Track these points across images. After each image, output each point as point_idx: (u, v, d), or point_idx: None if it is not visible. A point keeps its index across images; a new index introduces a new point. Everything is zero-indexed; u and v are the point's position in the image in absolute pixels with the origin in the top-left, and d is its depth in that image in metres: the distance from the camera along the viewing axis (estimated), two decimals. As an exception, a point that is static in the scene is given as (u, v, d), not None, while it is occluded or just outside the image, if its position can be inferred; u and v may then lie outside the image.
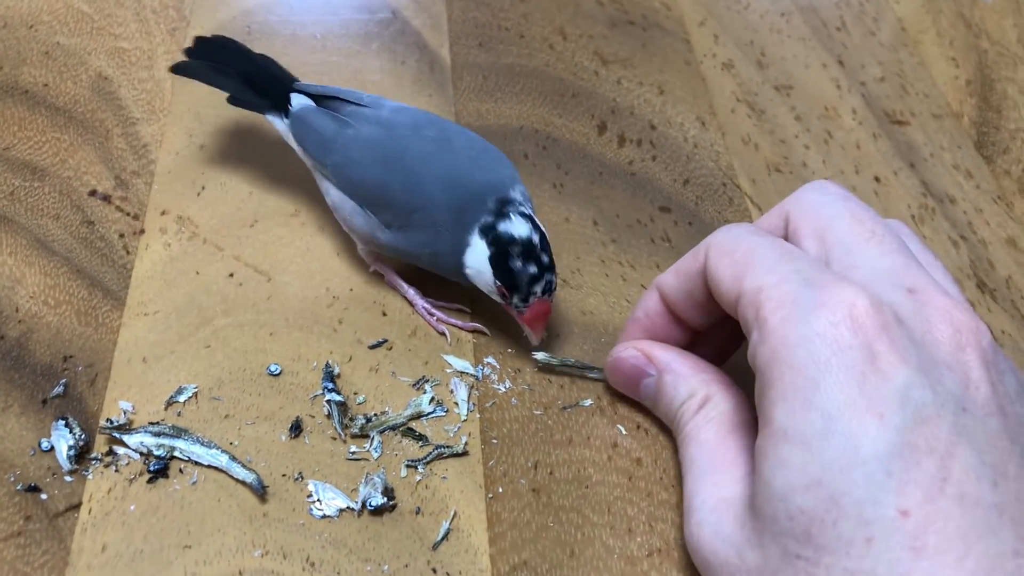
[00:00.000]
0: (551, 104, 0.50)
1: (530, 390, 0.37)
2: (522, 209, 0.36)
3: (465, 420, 0.36)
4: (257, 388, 0.37)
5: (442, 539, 0.33)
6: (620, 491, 0.35)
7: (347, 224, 0.39)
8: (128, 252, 0.41)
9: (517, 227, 0.35)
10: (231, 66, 0.42)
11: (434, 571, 0.32)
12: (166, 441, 0.34)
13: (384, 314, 0.39)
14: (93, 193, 0.43)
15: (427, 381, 0.37)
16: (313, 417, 0.36)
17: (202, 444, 0.34)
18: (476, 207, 0.36)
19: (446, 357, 0.38)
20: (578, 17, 0.55)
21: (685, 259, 0.33)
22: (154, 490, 0.33)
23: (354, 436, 0.35)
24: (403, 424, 0.36)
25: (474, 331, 0.39)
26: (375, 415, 0.36)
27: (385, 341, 0.38)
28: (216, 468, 0.34)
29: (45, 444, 0.34)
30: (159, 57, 0.50)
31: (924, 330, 0.27)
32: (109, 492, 0.33)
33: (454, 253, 0.36)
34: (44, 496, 0.33)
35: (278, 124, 0.41)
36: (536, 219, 0.36)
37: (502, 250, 0.35)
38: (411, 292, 0.40)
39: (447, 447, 0.35)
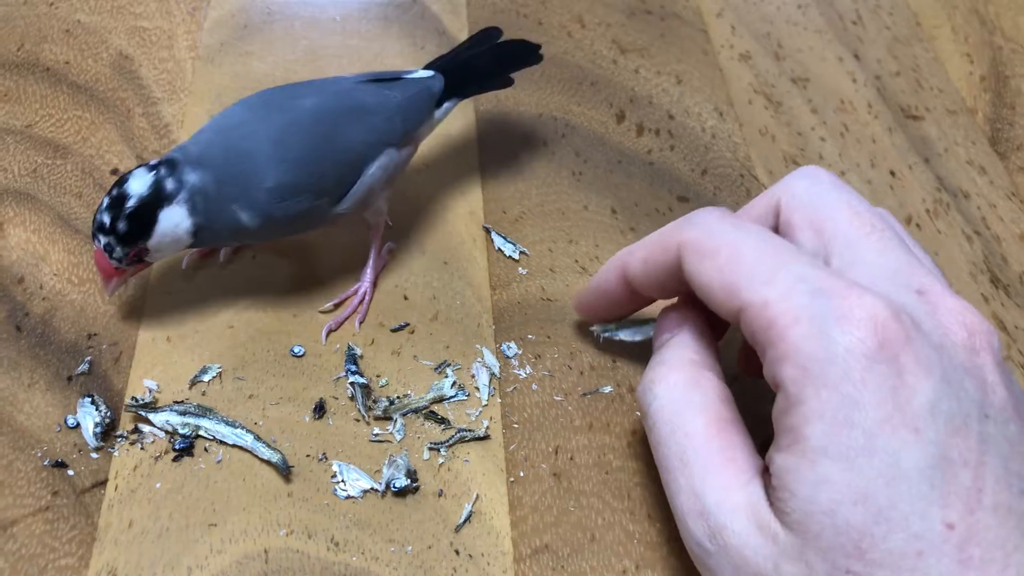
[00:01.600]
0: (570, 92, 0.50)
1: (550, 376, 0.38)
2: (167, 183, 0.34)
3: (486, 405, 0.37)
4: (281, 369, 0.37)
5: (465, 521, 0.33)
6: (640, 477, 0.35)
7: None
8: (151, 231, 0.41)
9: (136, 182, 0.34)
10: (483, 59, 0.43)
11: (457, 553, 0.33)
12: (191, 420, 0.35)
13: (405, 298, 0.40)
14: (115, 172, 0.43)
15: (448, 365, 0.38)
16: (336, 399, 0.36)
17: (227, 424, 0.35)
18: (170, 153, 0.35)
19: (479, 347, 0.38)
20: (596, 5, 0.55)
21: (652, 249, 0.32)
22: (179, 468, 0.34)
23: (377, 418, 0.36)
24: (425, 407, 0.36)
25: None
26: (398, 398, 0.36)
27: (407, 325, 0.39)
28: (241, 448, 0.34)
29: (71, 420, 0.34)
30: (179, 37, 0.50)
31: (940, 334, 0.27)
32: (135, 469, 0.34)
33: None
34: (71, 472, 0.33)
35: None
36: (174, 208, 0.34)
37: (112, 186, 0.34)
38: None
39: (469, 431, 0.36)
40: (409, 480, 0.34)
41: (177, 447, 0.34)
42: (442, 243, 0.42)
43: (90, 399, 0.35)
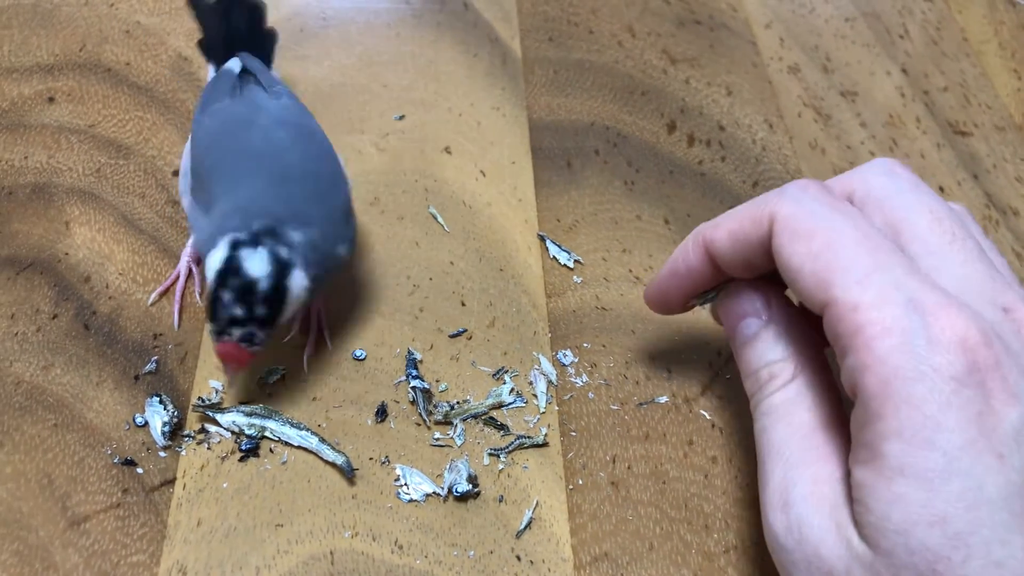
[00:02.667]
0: (621, 101, 0.50)
1: (607, 385, 0.38)
2: (280, 251, 0.32)
3: (544, 412, 0.37)
4: (343, 372, 0.37)
5: (525, 528, 0.34)
6: (696, 488, 0.35)
7: (180, 176, 0.38)
8: (213, 233, 0.41)
9: (254, 263, 0.31)
10: (230, 23, 0.42)
11: (518, 558, 0.33)
12: (257, 421, 0.35)
13: (463, 304, 0.40)
14: (176, 173, 0.43)
15: (506, 372, 0.38)
16: (397, 402, 0.37)
17: (292, 425, 0.35)
18: (245, 220, 0.32)
19: (536, 354, 0.39)
20: (646, 15, 0.56)
21: (742, 221, 0.30)
22: (245, 468, 0.34)
23: (437, 423, 0.36)
24: (484, 413, 0.37)
25: (175, 319, 0.38)
26: (457, 403, 0.37)
27: (464, 331, 0.39)
28: (306, 449, 0.35)
29: (139, 419, 0.35)
30: (236, 40, 0.50)
31: None
32: (202, 469, 0.34)
33: (205, 248, 0.33)
34: (140, 470, 0.34)
35: (210, 74, 0.41)
36: (296, 272, 0.32)
37: (222, 276, 0.32)
38: (189, 249, 0.39)
39: (528, 437, 0.36)
40: (471, 485, 0.34)
41: (243, 448, 0.35)
42: (498, 250, 0.42)
43: (158, 398, 0.35)
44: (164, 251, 0.40)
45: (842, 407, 0.30)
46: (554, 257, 0.42)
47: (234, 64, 0.40)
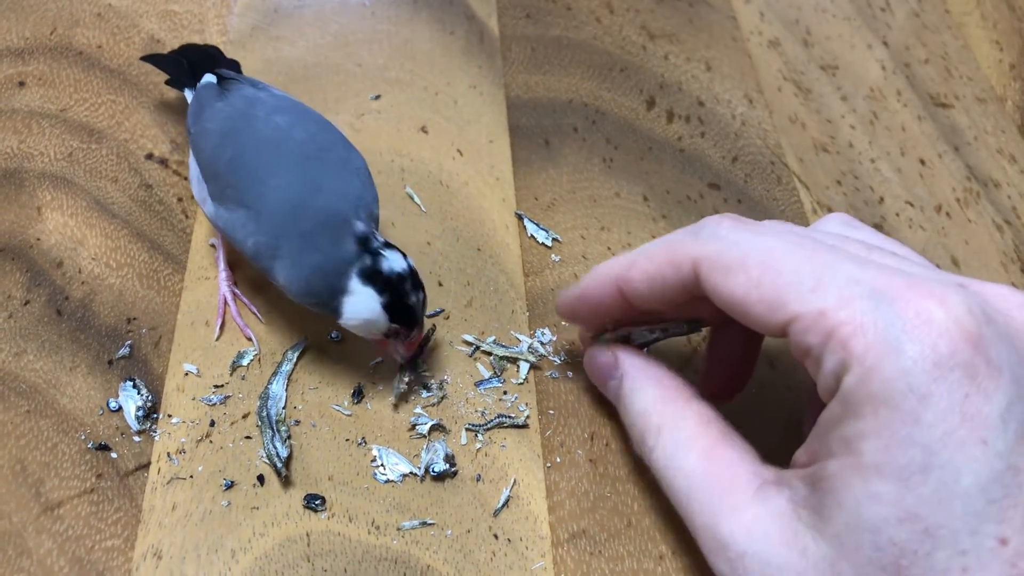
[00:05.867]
0: (599, 78, 0.50)
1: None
2: (379, 238, 0.33)
3: (522, 390, 0.37)
4: (319, 354, 0.37)
5: (503, 506, 0.34)
6: (675, 464, 0.35)
7: (192, 189, 0.39)
8: (187, 216, 0.41)
9: (395, 261, 0.33)
10: (188, 60, 0.42)
11: (496, 537, 0.33)
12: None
13: (440, 284, 0.40)
14: (150, 156, 0.43)
15: (483, 351, 0.38)
16: (374, 384, 0.36)
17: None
18: (327, 235, 0.33)
19: (514, 333, 0.39)
20: (624, -10, 0.55)
21: (660, 265, 0.30)
22: (221, 451, 0.34)
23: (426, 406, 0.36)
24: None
25: (248, 338, 0.37)
26: (436, 383, 0.37)
27: (442, 311, 0.39)
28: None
29: (113, 404, 0.35)
30: (210, 21, 0.50)
31: (1004, 323, 0.25)
32: (177, 452, 0.34)
33: (319, 291, 0.33)
34: (114, 455, 0.34)
35: (189, 99, 0.41)
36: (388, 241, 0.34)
37: (396, 290, 0.33)
38: (222, 275, 0.39)
39: (507, 416, 0.36)
40: (447, 465, 0.34)
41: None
42: (475, 230, 0.42)
43: (131, 383, 0.35)
44: (137, 235, 0.40)
45: (719, 422, 0.31)
46: (532, 236, 0.42)
47: (209, 78, 0.40)
